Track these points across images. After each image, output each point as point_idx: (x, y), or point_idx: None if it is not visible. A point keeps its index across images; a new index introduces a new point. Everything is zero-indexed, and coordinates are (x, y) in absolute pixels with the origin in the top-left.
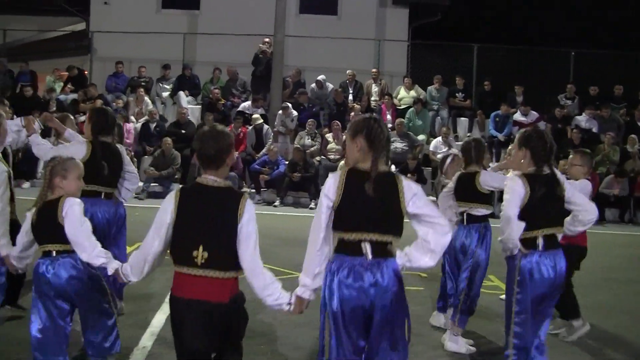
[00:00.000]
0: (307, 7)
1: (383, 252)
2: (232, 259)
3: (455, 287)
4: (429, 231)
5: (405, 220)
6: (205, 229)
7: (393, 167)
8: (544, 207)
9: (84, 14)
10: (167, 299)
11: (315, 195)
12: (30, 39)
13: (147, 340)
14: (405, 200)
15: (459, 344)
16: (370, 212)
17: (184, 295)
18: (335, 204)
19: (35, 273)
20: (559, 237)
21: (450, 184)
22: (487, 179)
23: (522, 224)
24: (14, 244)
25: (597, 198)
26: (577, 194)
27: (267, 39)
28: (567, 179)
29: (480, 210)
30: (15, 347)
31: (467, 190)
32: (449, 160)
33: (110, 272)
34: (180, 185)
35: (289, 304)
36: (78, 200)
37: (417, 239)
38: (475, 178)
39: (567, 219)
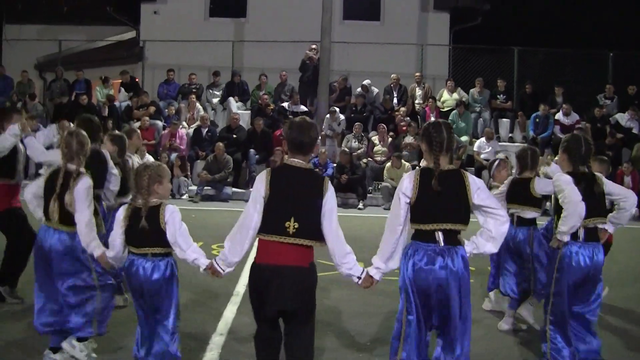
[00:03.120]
0: (351, 13)
1: (453, 240)
2: (317, 229)
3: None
4: (490, 221)
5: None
6: (295, 203)
7: None
8: (585, 200)
9: (133, 23)
10: (235, 292)
11: (362, 196)
12: (80, 47)
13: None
14: (472, 193)
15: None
16: (442, 206)
17: (270, 261)
18: (412, 200)
19: (128, 272)
20: (608, 228)
21: (502, 187)
22: (542, 185)
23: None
24: None
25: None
26: (614, 185)
27: (313, 46)
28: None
29: (531, 213)
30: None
31: (520, 194)
32: (495, 164)
33: (202, 268)
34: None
35: (359, 277)
36: (176, 207)
37: (481, 229)
38: (529, 183)
39: (612, 213)
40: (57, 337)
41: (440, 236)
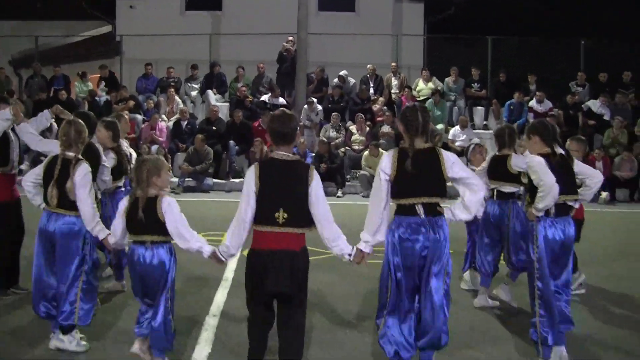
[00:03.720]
0: (326, 5)
1: (433, 211)
2: (305, 218)
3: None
4: (465, 190)
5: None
6: (283, 194)
7: None
8: (559, 179)
9: (109, 17)
10: (224, 277)
11: (341, 184)
12: (56, 43)
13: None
14: (446, 168)
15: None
16: (420, 181)
17: (265, 247)
18: (392, 177)
19: (129, 259)
20: (573, 205)
21: (484, 164)
22: (518, 162)
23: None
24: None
25: (609, 179)
26: (583, 165)
27: (290, 38)
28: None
29: (510, 188)
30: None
31: (499, 170)
32: (471, 149)
33: (206, 255)
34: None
35: (350, 254)
36: (173, 199)
37: (459, 198)
38: (507, 160)
39: (580, 190)
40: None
41: (420, 209)
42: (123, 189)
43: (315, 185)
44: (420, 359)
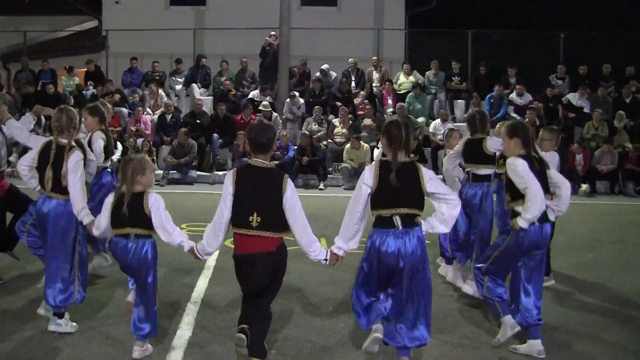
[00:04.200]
0: None
1: (410, 222)
2: (279, 222)
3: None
4: (443, 205)
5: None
6: (258, 199)
7: None
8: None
9: (95, 12)
10: (206, 266)
11: (323, 177)
12: (42, 38)
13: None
14: (425, 183)
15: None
16: (400, 193)
17: (242, 251)
18: (373, 189)
19: (113, 251)
20: (550, 216)
21: (458, 147)
22: (494, 144)
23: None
24: None
25: (589, 172)
26: (555, 172)
27: (273, 32)
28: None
29: (485, 170)
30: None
31: (474, 154)
32: (445, 134)
33: (186, 249)
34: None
35: (325, 259)
36: (159, 196)
37: (435, 211)
38: (482, 143)
39: (553, 201)
40: None
41: (398, 220)
42: (109, 170)
43: (290, 194)
44: (398, 351)
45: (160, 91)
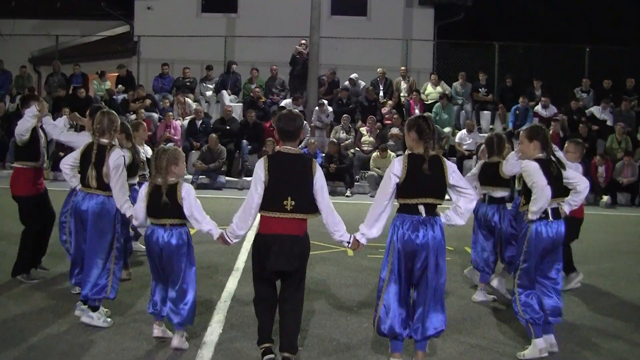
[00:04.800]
0: (339, 9)
1: (433, 211)
2: (310, 205)
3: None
4: (460, 199)
5: None
6: (291, 183)
7: None
8: (552, 183)
9: (127, 18)
10: (235, 267)
11: (350, 184)
12: (74, 42)
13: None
14: (448, 175)
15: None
16: (425, 184)
17: (270, 231)
18: (402, 179)
19: (149, 239)
20: (565, 208)
21: (474, 170)
22: (510, 167)
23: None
24: None
25: (611, 184)
26: (572, 171)
27: (303, 41)
28: None
29: (500, 193)
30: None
31: (490, 176)
32: (481, 149)
33: (215, 237)
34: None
35: (349, 242)
36: (191, 186)
37: (453, 204)
38: (498, 167)
39: (570, 196)
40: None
41: (422, 209)
42: (137, 187)
43: (319, 175)
44: (415, 344)
45: (188, 100)
